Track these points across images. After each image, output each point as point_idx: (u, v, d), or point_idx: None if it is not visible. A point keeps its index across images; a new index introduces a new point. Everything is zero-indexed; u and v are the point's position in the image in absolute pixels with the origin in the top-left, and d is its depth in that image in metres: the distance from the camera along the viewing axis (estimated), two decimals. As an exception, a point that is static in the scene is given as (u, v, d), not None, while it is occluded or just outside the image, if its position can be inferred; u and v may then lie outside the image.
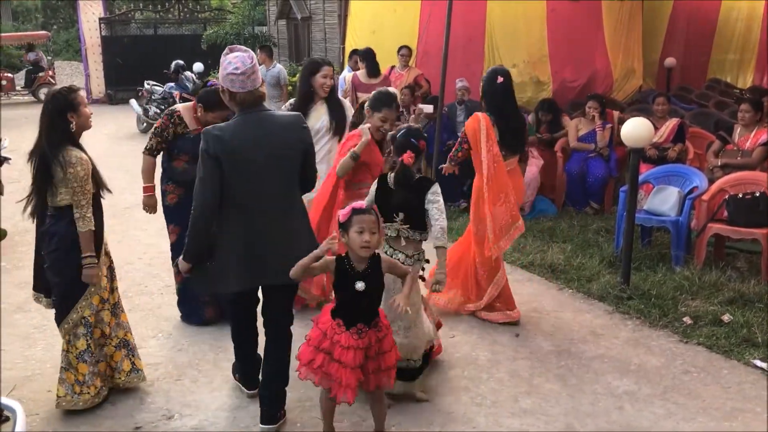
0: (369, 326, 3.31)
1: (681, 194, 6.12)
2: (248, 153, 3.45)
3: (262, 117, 3.54)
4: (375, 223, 3.25)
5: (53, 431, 3.76)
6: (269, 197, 3.52)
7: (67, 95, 3.81)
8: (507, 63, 9.87)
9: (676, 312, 5.04)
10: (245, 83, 3.45)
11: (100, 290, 3.91)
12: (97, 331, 3.95)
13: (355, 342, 3.27)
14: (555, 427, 3.73)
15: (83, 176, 3.70)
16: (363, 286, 3.25)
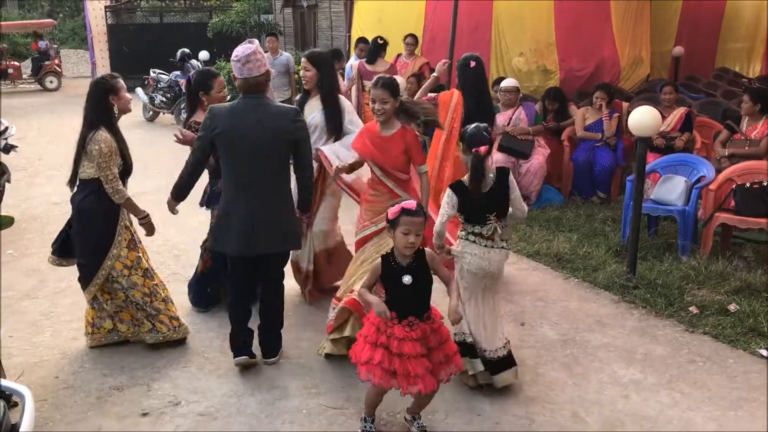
0: (421, 319, 3.35)
1: (688, 183, 6.10)
2: (239, 133, 3.92)
3: (256, 104, 4.00)
4: (422, 225, 3.31)
5: (61, 417, 3.78)
6: (259, 177, 3.98)
7: (110, 80, 4.22)
8: (514, 51, 9.86)
9: (682, 301, 5.04)
10: (242, 70, 3.93)
11: (121, 258, 4.32)
12: (121, 294, 4.37)
13: (408, 333, 3.30)
14: (560, 416, 3.74)
15: (107, 152, 4.08)
16: (410, 280, 3.31)
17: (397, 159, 4.25)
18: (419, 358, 3.28)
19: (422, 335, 3.33)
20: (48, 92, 21.00)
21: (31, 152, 11.13)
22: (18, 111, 16.16)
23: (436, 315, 3.44)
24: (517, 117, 7.62)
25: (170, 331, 4.48)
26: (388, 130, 4.26)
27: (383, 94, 4.17)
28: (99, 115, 4.14)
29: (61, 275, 5.79)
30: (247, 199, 4.00)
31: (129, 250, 4.38)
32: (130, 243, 4.41)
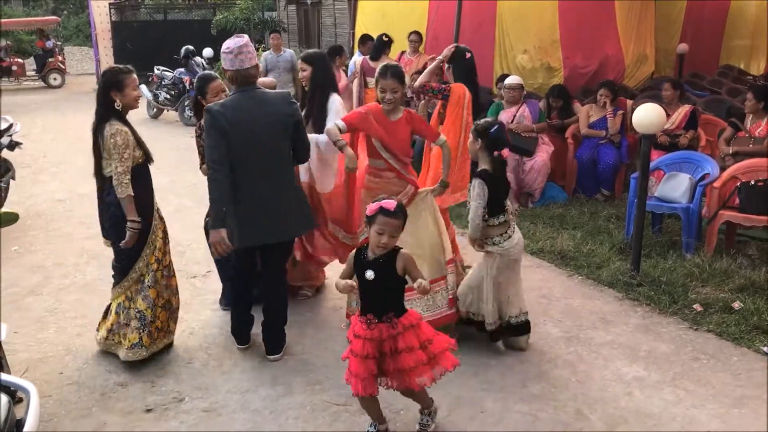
0: (379, 319, 3.24)
1: (692, 181, 6.08)
2: (248, 126, 3.96)
3: (253, 94, 4.07)
4: (398, 227, 3.24)
5: (66, 413, 3.80)
6: (268, 167, 4.06)
7: (115, 74, 4.12)
8: (518, 48, 9.85)
9: (686, 299, 5.03)
10: (234, 62, 3.98)
11: (156, 251, 4.26)
12: (153, 291, 4.26)
13: (363, 332, 3.23)
14: (564, 413, 3.74)
15: (121, 144, 3.99)
16: (372, 275, 3.20)
17: (404, 143, 4.49)
18: (364, 359, 3.20)
19: (378, 336, 3.21)
20: (52, 89, 21.03)
21: (36, 149, 11.15)
22: (22, 108, 16.19)
23: (405, 322, 3.27)
24: (521, 114, 7.60)
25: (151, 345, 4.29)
26: (395, 115, 4.42)
27: (394, 84, 4.30)
28: (105, 109, 4.09)
29: (66, 272, 5.82)
30: (266, 188, 4.07)
31: (163, 243, 4.34)
32: (164, 235, 4.36)
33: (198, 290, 5.44)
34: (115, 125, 4.02)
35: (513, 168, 7.43)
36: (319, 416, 3.72)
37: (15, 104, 16.95)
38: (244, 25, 16.83)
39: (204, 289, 5.46)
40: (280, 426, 3.65)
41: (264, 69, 10.48)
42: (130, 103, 4.15)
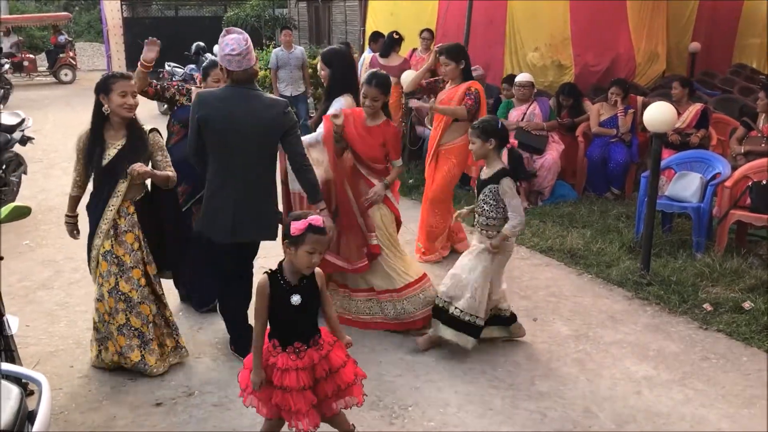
0: (307, 345, 3.02)
1: (703, 180, 6.05)
2: (231, 120, 3.89)
3: (250, 94, 3.97)
4: (328, 244, 3.11)
5: (76, 406, 3.82)
6: (248, 166, 3.97)
7: (106, 79, 3.99)
8: (528, 46, 9.82)
9: (696, 299, 5.01)
10: (241, 63, 3.90)
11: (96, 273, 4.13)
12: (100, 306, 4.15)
13: (294, 363, 2.97)
14: (572, 411, 3.73)
15: (75, 149, 4.07)
16: (299, 300, 2.96)
17: (373, 149, 4.55)
18: (302, 391, 2.96)
19: (309, 363, 3.00)
20: (63, 85, 21.13)
21: (47, 144, 11.21)
22: (34, 103, 16.29)
23: (327, 339, 3.11)
24: (531, 112, 7.59)
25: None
26: (373, 121, 4.55)
27: (375, 92, 4.45)
28: (93, 115, 3.99)
29: (77, 266, 5.84)
30: (236, 187, 3.95)
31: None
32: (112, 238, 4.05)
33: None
34: (82, 132, 4.05)
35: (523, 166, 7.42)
36: (327, 412, 3.72)
37: (27, 99, 17.05)
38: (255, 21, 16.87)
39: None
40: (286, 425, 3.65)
41: (275, 66, 10.51)
42: (116, 109, 3.91)
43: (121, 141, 3.98)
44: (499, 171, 4.13)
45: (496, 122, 4.18)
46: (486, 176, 4.19)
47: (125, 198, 4.01)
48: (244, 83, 3.95)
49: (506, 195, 4.09)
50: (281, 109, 4.00)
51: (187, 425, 3.64)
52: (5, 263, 5.55)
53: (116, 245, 4.00)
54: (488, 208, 4.17)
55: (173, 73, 14.25)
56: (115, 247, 4.00)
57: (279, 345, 3.02)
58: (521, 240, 6.39)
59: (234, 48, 3.86)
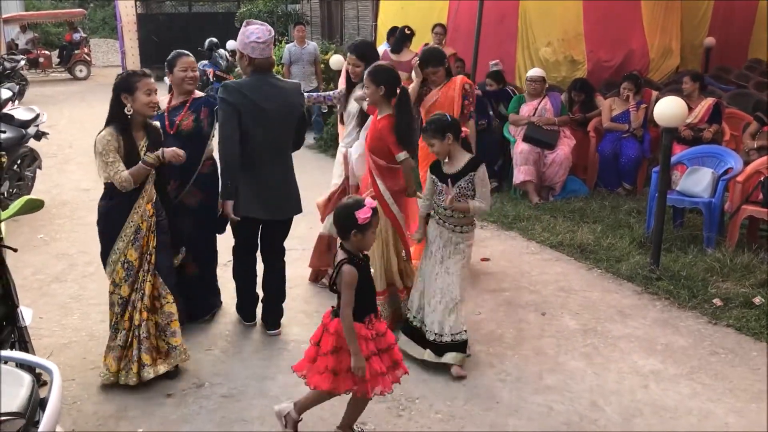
0: (376, 317, 3.31)
1: (715, 175, 6.03)
2: (261, 105, 4.17)
3: (272, 81, 4.29)
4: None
5: (88, 396, 3.88)
6: (276, 147, 4.31)
7: (127, 77, 3.87)
8: (541, 41, 9.79)
9: (705, 293, 5.00)
10: (264, 51, 4.18)
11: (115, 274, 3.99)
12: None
13: (367, 332, 3.20)
14: (579, 404, 3.74)
15: (101, 151, 3.76)
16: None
17: (373, 141, 4.47)
18: (381, 354, 3.23)
19: (378, 334, 3.26)
20: (78, 81, 21.30)
21: (62, 139, 11.32)
22: (49, 99, 16.44)
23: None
24: (543, 107, 7.59)
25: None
26: (380, 112, 4.48)
27: (366, 81, 4.39)
28: (110, 115, 3.85)
29: (90, 260, 5.92)
30: (272, 167, 4.32)
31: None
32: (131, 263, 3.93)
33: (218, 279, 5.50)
34: (103, 132, 3.80)
35: (534, 161, 7.42)
36: (334, 403, 3.74)
37: (42, 95, 17.21)
38: (268, 17, 16.86)
39: (222, 277, 5.51)
40: (297, 412, 3.70)
41: (288, 61, 10.55)
42: (141, 108, 3.81)
43: (144, 141, 3.90)
44: (470, 160, 4.03)
45: (445, 117, 4.04)
46: (455, 169, 4.01)
47: (147, 201, 3.92)
48: (267, 70, 4.26)
49: (482, 182, 3.98)
50: (298, 91, 4.46)
51: (197, 416, 3.68)
52: (20, 256, 5.62)
53: (131, 250, 3.89)
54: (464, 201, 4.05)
55: (186, 69, 14.30)
56: (129, 252, 3.89)
57: (356, 319, 3.19)
58: (531, 235, 6.40)
59: (259, 36, 4.15)
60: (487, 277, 5.52)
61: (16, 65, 16.26)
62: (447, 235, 4.08)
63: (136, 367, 3.91)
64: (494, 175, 8.10)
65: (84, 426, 3.60)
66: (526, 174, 7.39)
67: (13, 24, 22.55)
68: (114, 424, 3.63)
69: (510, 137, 7.81)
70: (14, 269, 3.71)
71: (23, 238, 6.43)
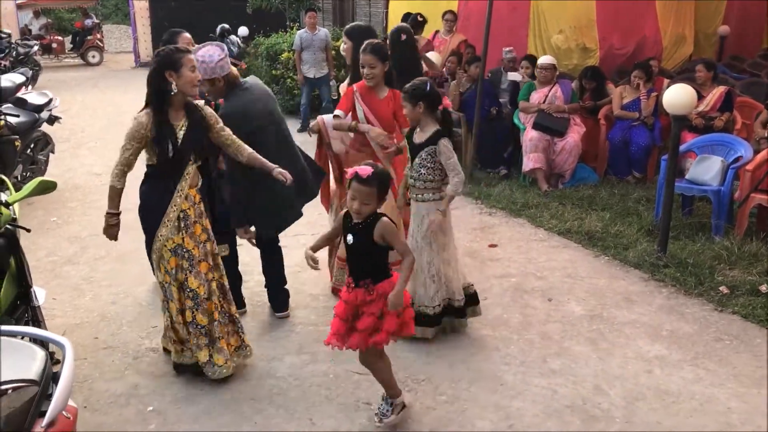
0: (356, 284, 3.29)
1: (724, 164, 6.02)
2: (263, 120, 4.28)
3: (252, 89, 4.33)
4: (370, 195, 3.15)
5: (100, 375, 3.95)
6: (281, 148, 4.37)
7: (171, 53, 3.60)
8: (553, 29, 9.74)
9: (712, 281, 5.01)
10: (215, 70, 4.09)
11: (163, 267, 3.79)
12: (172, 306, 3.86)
13: (344, 293, 3.34)
14: (583, 388, 3.78)
15: (127, 133, 3.61)
16: (351, 240, 3.25)
17: (389, 120, 4.57)
18: (339, 319, 3.32)
19: (353, 300, 3.27)
20: (90, 67, 21.38)
21: (75, 124, 11.41)
22: (62, 85, 16.53)
23: (382, 289, 3.24)
24: (553, 94, 7.58)
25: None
26: (381, 93, 4.55)
27: (371, 59, 4.41)
28: (154, 94, 3.61)
29: (101, 242, 5.96)
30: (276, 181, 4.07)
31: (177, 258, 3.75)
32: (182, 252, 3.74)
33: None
34: (140, 113, 3.62)
35: (544, 148, 7.42)
36: (341, 384, 3.82)
37: (55, 81, 17.31)
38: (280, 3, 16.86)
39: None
40: (304, 393, 3.76)
41: (299, 47, 10.57)
42: (185, 86, 3.59)
43: (183, 121, 3.67)
44: (434, 132, 4.05)
45: (424, 85, 4.04)
46: (421, 140, 4.08)
47: (190, 185, 3.74)
48: (232, 85, 4.25)
49: (443, 155, 4.01)
50: (269, 91, 4.55)
51: (207, 395, 3.75)
52: (33, 238, 5.72)
53: (187, 238, 3.70)
54: (425, 171, 4.08)
55: (198, 55, 14.34)
56: (186, 240, 3.70)
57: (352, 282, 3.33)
58: (539, 222, 6.42)
59: (220, 54, 4.11)
60: (495, 263, 5.55)
61: (29, 50, 16.33)
62: (414, 206, 4.25)
63: (223, 360, 3.82)
64: (504, 162, 8.12)
65: (95, 403, 3.67)
66: (536, 161, 7.39)
67: (27, 9, 22.63)
68: (125, 401, 3.70)
69: (520, 124, 7.81)
70: (27, 251, 3.78)
71: (36, 221, 6.51)
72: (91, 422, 3.50)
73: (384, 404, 3.48)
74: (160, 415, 3.58)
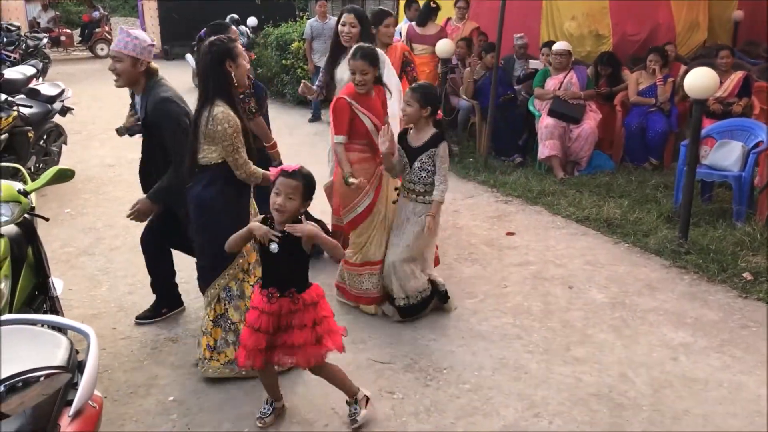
0: (281, 294, 3.10)
1: (744, 149, 5.93)
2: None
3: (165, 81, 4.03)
4: (295, 189, 3.01)
5: (119, 365, 3.93)
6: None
7: (228, 42, 3.54)
8: (566, 15, 9.63)
9: (735, 267, 4.94)
10: (150, 54, 3.93)
11: (242, 257, 3.68)
12: (242, 304, 3.70)
13: (262, 305, 3.09)
14: (608, 375, 3.72)
15: (232, 134, 3.44)
16: (276, 249, 3.02)
17: (381, 115, 4.38)
18: (256, 331, 3.10)
19: (276, 311, 3.08)
20: (99, 59, 21.34)
21: (85, 117, 11.38)
22: (71, 77, 16.50)
23: (308, 297, 3.13)
24: (568, 81, 7.50)
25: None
26: (371, 92, 4.33)
27: (363, 65, 4.14)
28: (216, 87, 3.48)
29: (116, 233, 5.97)
30: None
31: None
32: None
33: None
34: (221, 109, 3.45)
35: (559, 135, 7.34)
36: (363, 373, 3.77)
37: (65, 73, 17.28)
38: (289, -7, 16.81)
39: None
40: (325, 381, 3.70)
41: (309, 36, 10.49)
42: (241, 77, 3.59)
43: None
44: (433, 135, 4.09)
45: (435, 90, 4.12)
46: (419, 143, 4.12)
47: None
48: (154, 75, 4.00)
49: (441, 159, 4.07)
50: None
51: (228, 384, 3.70)
52: (48, 230, 5.68)
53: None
54: (425, 174, 4.11)
55: (207, 46, 14.29)
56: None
57: (261, 285, 3.17)
58: (557, 209, 6.35)
59: (150, 38, 3.95)
60: (513, 251, 5.49)
61: (38, 43, 16.30)
62: (411, 206, 4.24)
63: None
64: (519, 149, 8.05)
65: (115, 394, 3.64)
66: (552, 148, 7.32)
67: (35, 2, 22.60)
68: (145, 392, 3.67)
69: (535, 111, 7.73)
70: (43, 242, 3.74)
71: (51, 213, 6.48)
72: (113, 413, 3.46)
73: (350, 408, 3.35)
74: (182, 405, 3.54)
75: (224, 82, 3.49)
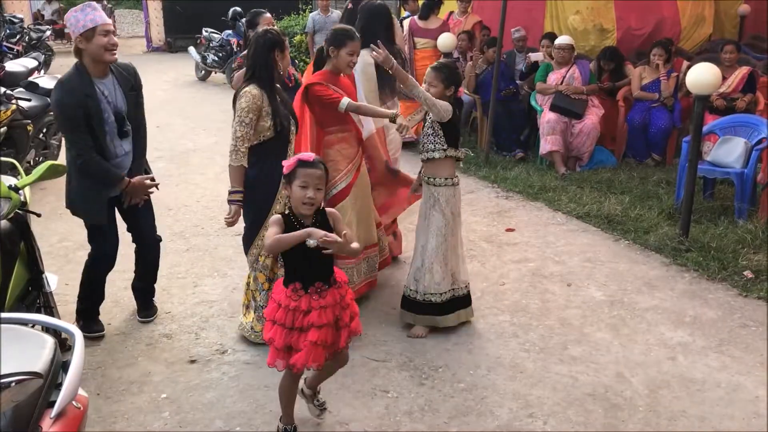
0: (328, 284, 3.01)
1: (747, 145, 5.87)
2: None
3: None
4: (320, 178, 2.94)
5: (113, 361, 3.91)
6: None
7: (279, 35, 3.83)
8: (570, 9, 9.56)
9: (736, 265, 4.89)
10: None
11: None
12: (261, 276, 3.98)
13: (317, 302, 2.96)
14: (604, 375, 3.69)
15: (244, 107, 3.67)
16: (314, 244, 2.82)
17: (354, 92, 4.40)
18: (327, 327, 2.95)
19: (332, 302, 2.99)
20: (104, 51, 21.35)
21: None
22: (75, 70, 16.49)
23: (343, 278, 3.11)
24: (570, 75, 7.44)
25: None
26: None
27: (359, 47, 4.20)
28: (260, 71, 3.75)
29: (115, 227, 5.94)
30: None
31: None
32: None
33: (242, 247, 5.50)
34: (247, 87, 3.72)
35: (561, 131, 7.29)
36: (358, 371, 3.75)
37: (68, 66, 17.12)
38: (292, -14, 16.74)
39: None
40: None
41: (312, 30, 10.45)
42: (285, 66, 3.90)
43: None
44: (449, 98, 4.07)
45: (457, 68, 4.07)
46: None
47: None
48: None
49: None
50: None
51: (220, 382, 3.69)
52: (46, 224, 5.67)
53: None
54: (427, 140, 4.03)
55: (210, 39, 14.28)
56: None
57: (301, 288, 2.98)
58: (557, 205, 6.31)
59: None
60: (512, 248, 5.45)
61: (42, 35, 16.29)
62: (428, 190, 4.12)
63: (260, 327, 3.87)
64: (520, 144, 8.00)
65: (108, 391, 3.63)
66: (553, 144, 7.27)
67: (39, -6, 22.62)
68: (138, 389, 3.65)
69: (537, 106, 7.67)
70: (40, 236, 3.73)
71: (49, 207, 6.46)
72: (104, 410, 3.45)
73: (317, 397, 3.35)
74: (174, 403, 3.52)
75: (270, 68, 3.76)
